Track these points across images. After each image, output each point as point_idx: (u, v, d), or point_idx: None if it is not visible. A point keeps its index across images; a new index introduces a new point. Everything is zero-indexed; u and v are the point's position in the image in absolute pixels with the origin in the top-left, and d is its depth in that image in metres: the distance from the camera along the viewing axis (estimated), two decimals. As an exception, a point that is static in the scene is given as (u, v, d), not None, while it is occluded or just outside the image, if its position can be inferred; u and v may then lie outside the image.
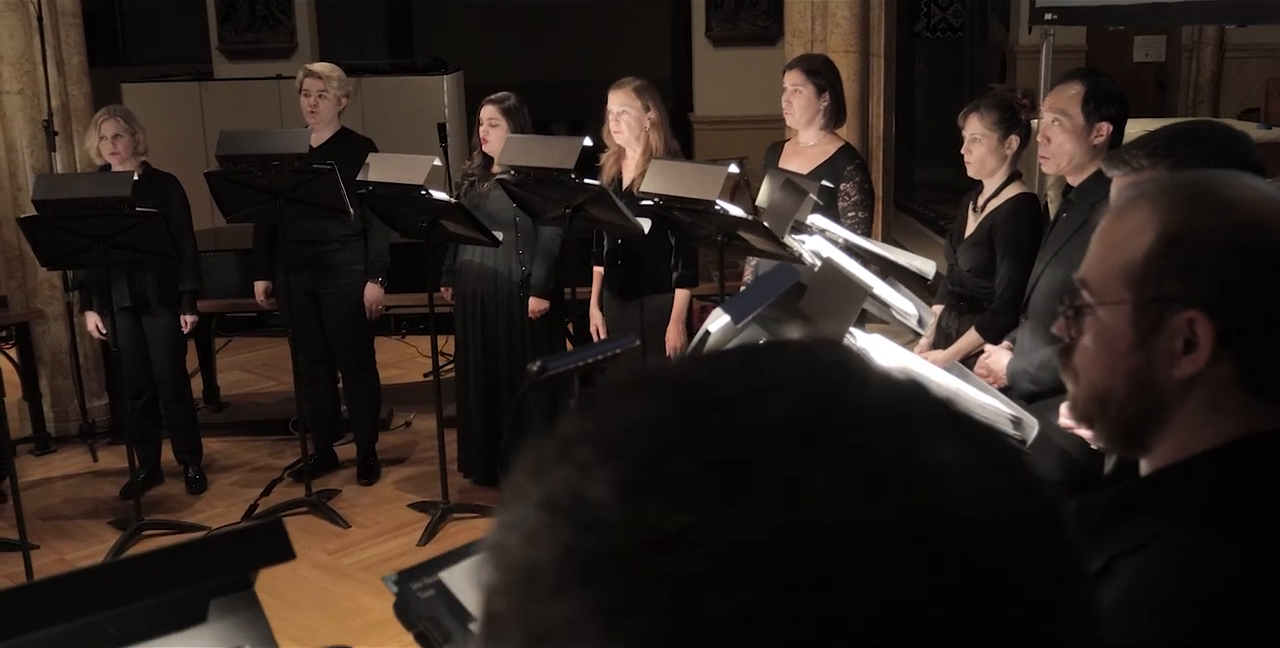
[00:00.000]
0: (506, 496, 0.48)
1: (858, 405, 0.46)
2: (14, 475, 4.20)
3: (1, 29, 5.66)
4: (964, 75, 11.64)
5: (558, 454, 0.47)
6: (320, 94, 5.15)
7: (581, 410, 0.49)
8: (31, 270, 5.74)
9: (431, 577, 1.42)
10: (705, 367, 0.49)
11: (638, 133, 4.53)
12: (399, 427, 5.98)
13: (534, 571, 0.44)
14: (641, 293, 4.58)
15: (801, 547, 0.42)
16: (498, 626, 0.45)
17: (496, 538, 0.47)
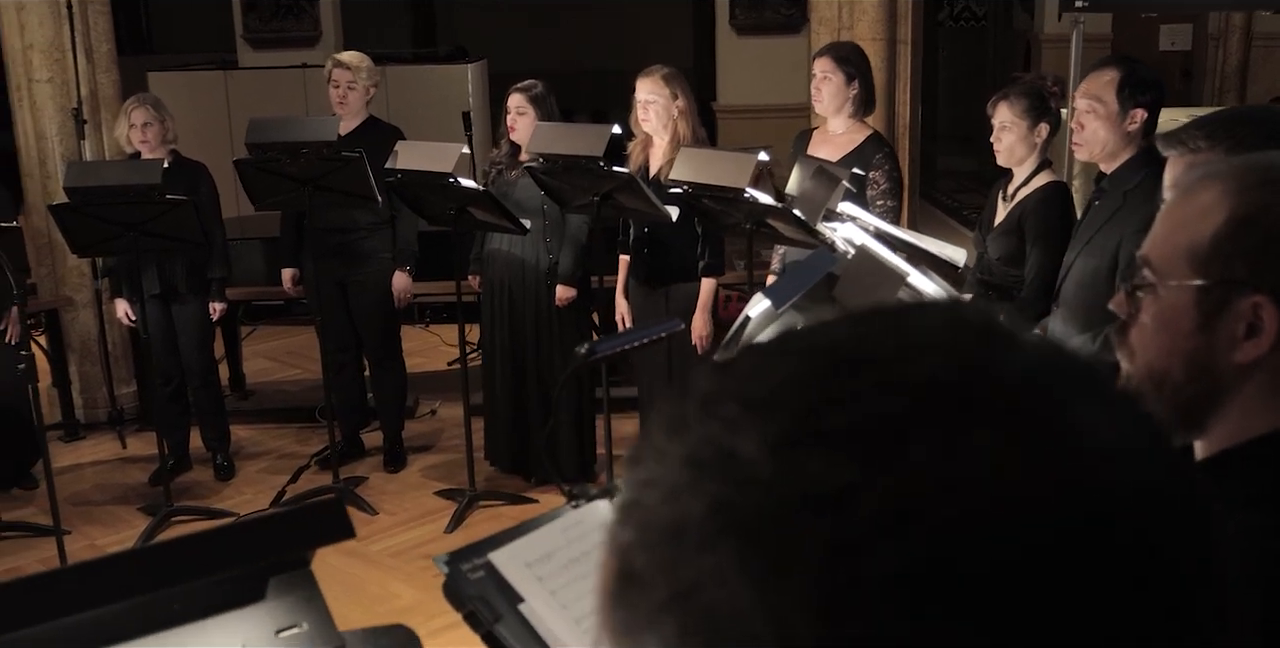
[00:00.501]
0: (638, 455, 0.48)
1: (1008, 366, 0.47)
2: (48, 461, 4.23)
3: (31, 17, 5.69)
4: (987, 64, 11.59)
5: (700, 413, 0.47)
6: (349, 85, 5.16)
7: (719, 370, 0.49)
8: (61, 258, 5.78)
9: (481, 558, 1.43)
10: (849, 327, 0.50)
11: (665, 121, 4.52)
12: (424, 415, 6.00)
13: (679, 527, 0.44)
14: (668, 281, 4.58)
15: (960, 503, 0.42)
16: (636, 581, 0.46)
17: (632, 496, 0.47)
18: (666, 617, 0.44)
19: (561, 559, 1.49)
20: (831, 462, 0.43)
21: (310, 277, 5.19)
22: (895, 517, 0.42)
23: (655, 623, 0.44)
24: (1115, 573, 0.43)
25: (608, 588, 0.48)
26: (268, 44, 9.02)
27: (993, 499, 0.43)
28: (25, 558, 4.64)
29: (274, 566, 1.20)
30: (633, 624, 0.46)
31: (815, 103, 4.57)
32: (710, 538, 0.43)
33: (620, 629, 0.47)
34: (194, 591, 1.15)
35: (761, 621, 0.42)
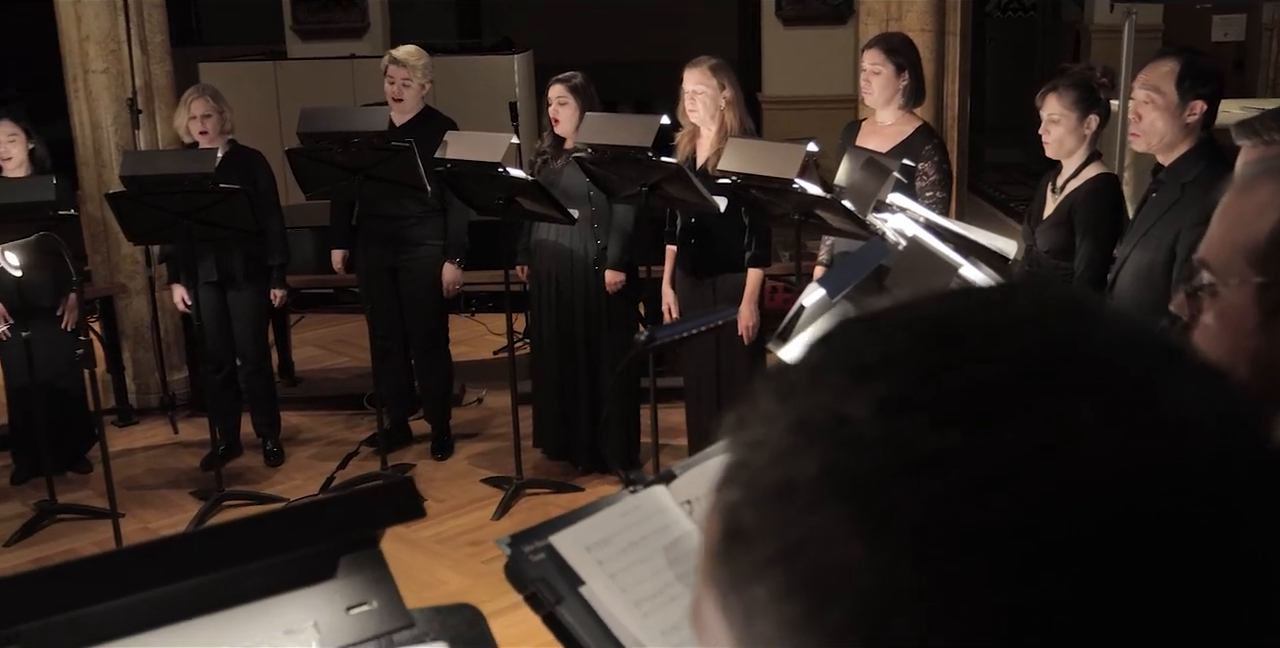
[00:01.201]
0: (742, 420, 0.51)
1: (1099, 340, 0.49)
2: (104, 446, 4.30)
3: (87, 9, 5.77)
4: (1035, 55, 11.50)
5: (810, 380, 0.50)
6: (404, 82, 5.21)
7: (824, 342, 0.52)
8: (115, 246, 5.86)
9: (542, 541, 1.46)
10: (946, 303, 0.52)
11: (713, 111, 4.53)
12: (471, 403, 6.05)
13: (788, 486, 0.47)
14: (714, 272, 4.59)
15: (1052, 470, 0.45)
16: (744, 537, 0.48)
17: (739, 457, 0.50)
18: (774, 571, 0.47)
19: (620, 544, 1.51)
20: (934, 427, 0.46)
21: (361, 263, 5.25)
22: (992, 481, 0.44)
23: (763, 577, 0.47)
24: (1202, 543, 0.44)
25: (713, 545, 0.50)
26: (316, 35, 9.09)
27: (1084, 467, 0.45)
28: (81, 540, 4.73)
29: (345, 544, 1.23)
30: (739, 579, 0.48)
31: (865, 95, 4.56)
32: (820, 497, 0.46)
33: (726, 584, 0.49)
34: (268, 568, 1.18)
35: (868, 574, 0.45)
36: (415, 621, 1.24)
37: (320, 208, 5.84)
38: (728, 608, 0.49)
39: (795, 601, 0.46)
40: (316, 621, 1.20)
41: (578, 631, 1.40)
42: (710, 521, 0.51)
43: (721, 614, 0.50)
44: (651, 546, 1.53)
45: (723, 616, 0.50)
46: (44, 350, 4.99)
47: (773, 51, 9.35)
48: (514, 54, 8.26)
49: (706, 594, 0.51)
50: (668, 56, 10.74)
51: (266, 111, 7.91)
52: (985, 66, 11.53)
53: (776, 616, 0.46)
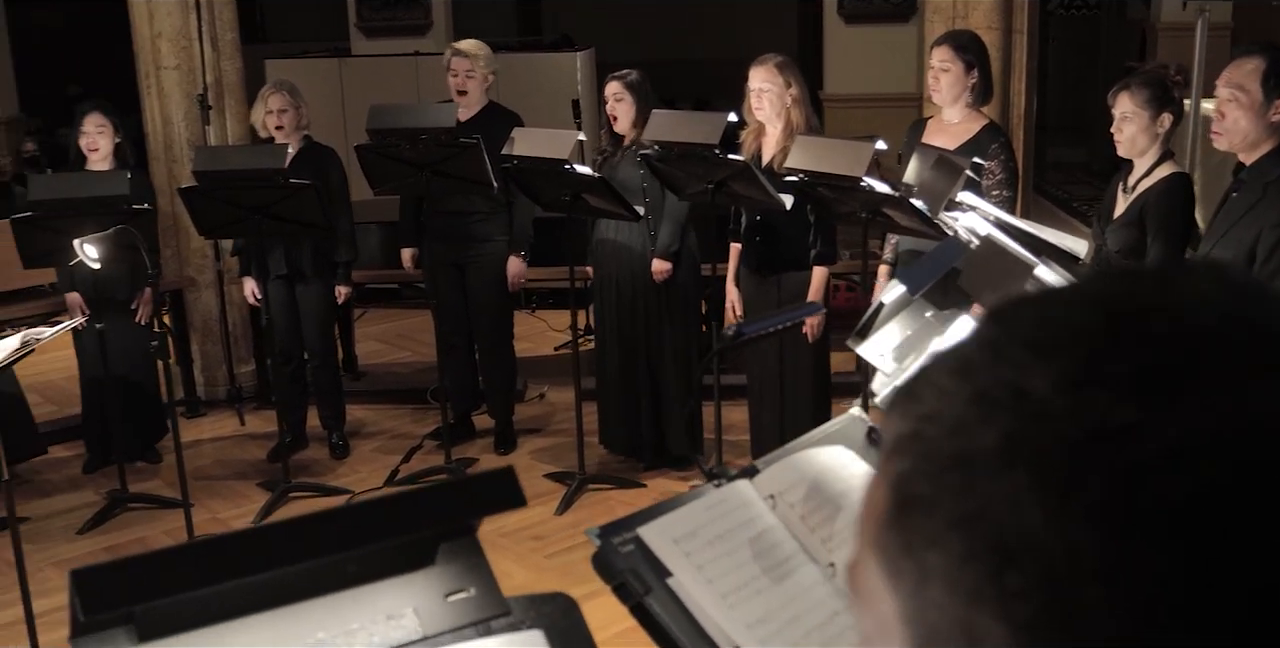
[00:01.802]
0: (912, 394, 0.53)
1: (1273, 319, 0.51)
2: (177, 437, 4.36)
3: (160, 6, 5.86)
4: (1099, 53, 11.38)
5: (988, 356, 0.51)
6: (468, 73, 5.24)
7: (997, 320, 0.53)
8: (185, 240, 5.96)
9: (630, 532, 1.47)
10: (1122, 282, 0.54)
11: (779, 109, 4.53)
12: (534, 398, 6.09)
13: (968, 456, 0.49)
14: (779, 269, 4.59)
15: (1238, 446, 0.46)
16: (919, 505, 0.50)
17: (911, 429, 0.52)
18: (952, 537, 0.49)
19: (706, 536, 1.52)
20: (1117, 403, 0.47)
21: (427, 259, 5.30)
22: (1173, 456, 0.46)
23: (940, 543, 0.49)
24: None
25: (881, 513, 0.52)
26: (380, 32, 9.18)
27: (1264, 443, 0.46)
28: (152, 529, 4.81)
29: (444, 532, 1.25)
30: (912, 545, 0.50)
31: (933, 92, 4.54)
32: (1000, 467, 0.48)
33: (896, 550, 0.51)
34: (370, 554, 1.20)
35: (1049, 541, 0.46)
36: (511, 608, 1.26)
37: (386, 204, 5.90)
38: (897, 573, 0.51)
39: (973, 566, 0.48)
40: (416, 606, 1.22)
41: (666, 621, 1.41)
42: (875, 490, 0.53)
43: (888, 579, 0.52)
44: (737, 539, 1.54)
45: (890, 581, 0.52)
46: (118, 343, 5.09)
47: (834, 49, 9.32)
48: (576, 51, 8.29)
49: (870, 560, 0.53)
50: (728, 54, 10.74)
51: (331, 108, 7.99)
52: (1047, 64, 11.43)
53: (952, 580, 0.48)
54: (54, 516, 4.99)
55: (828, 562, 1.58)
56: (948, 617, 0.49)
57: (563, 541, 4.52)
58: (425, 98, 7.07)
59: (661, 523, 1.50)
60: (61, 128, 10.03)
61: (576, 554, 4.43)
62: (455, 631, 1.23)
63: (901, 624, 0.51)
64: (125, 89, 6.44)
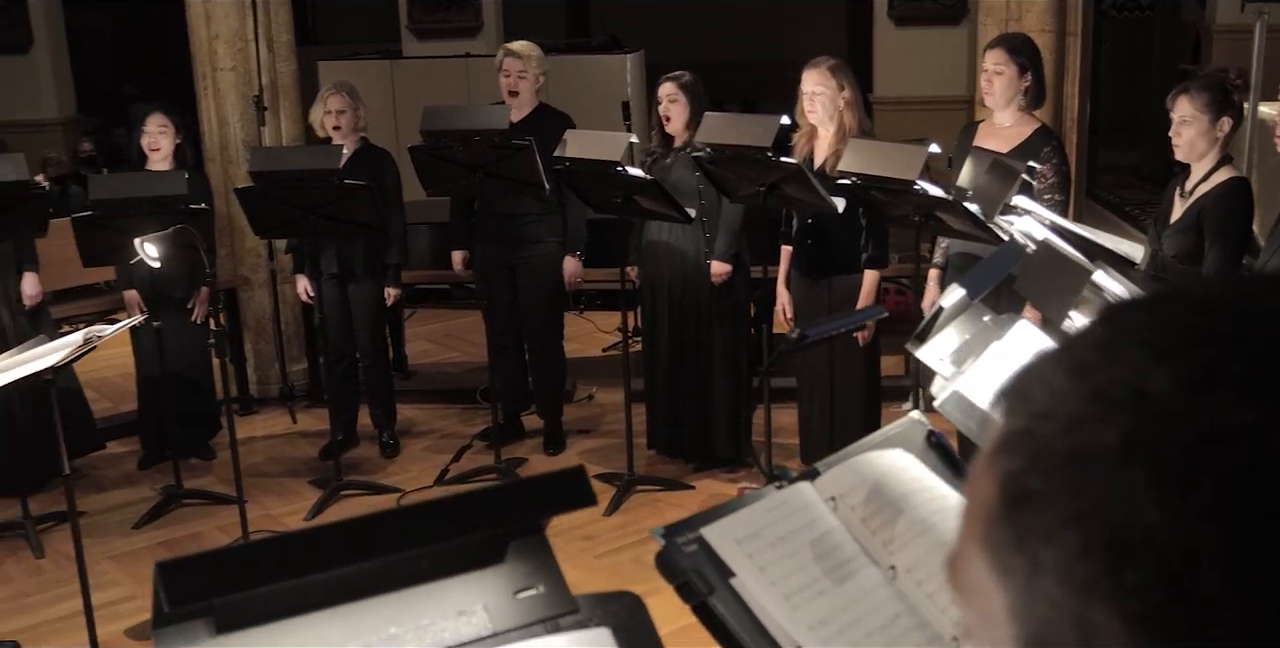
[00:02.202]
0: (1023, 393, 0.54)
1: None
2: (233, 434, 4.41)
3: (217, 8, 5.93)
4: (1152, 55, 11.27)
5: (1103, 357, 0.53)
6: (520, 74, 5.27)
7: (1110, 322, 0.54)
8: (239, 239, 6.03)
9: (694, 532, 1.48)
10: (1236, 286, 0.55)
11: (831, 112, 4.53)
12: (582, 399, 6.11)
13: (1084, 454, 0.50)
14: (830, 272, 4.59)
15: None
16: (1031, 502, 0.51)
17: (1022, 426, 0.53)
18: (1068, 533, 0.50)
19: (769, 537, 1.53)
20: (1237, 404, 0.48)
21: (479, 260, 5.33)
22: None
23: (1054, 539, 0.50)
24: None
25: (989, 509, 0.53)
26: (431, 34, 9.24)
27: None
28: (206, 525, 4.87)
29: (513, 530, 1.27)
30: (1024, 540, 0.51)
31: (986, 95, 4.52)
32: (1118, 464, 0.49)
33: (1006, 545, 0.52)
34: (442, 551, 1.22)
35: (1167, 537, 0.47)
36: (579, 606, 1.27)
37: (436, 205, 5.94)
38: (1006, 569, 0.52)
39: (1088, 562, 0.49)
40: (486, 603, 1.24)
41: (729, 620, 1.43)
42: (982, 486, 0.54)
43: (996, 574, 0.53)
44: (799, 540, 1.55)
45: (998, 575, 0.53)
46: (174, 341, 5.16)
47: (884, 52, 9.29)
48: (626, 53, 8.31)
49: (976, 556, 0.54)
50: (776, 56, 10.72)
51: (383, 109, 8.04)
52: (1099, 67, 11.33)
53: (1066, 575, 0.50)
54: (110, 510, 5.07)
55: (889, 564, 1.59)
56: (1060, 611, 0.50)
57: (611, 541, 4.54)
58: (476, 99, 7.12)
59: (725, 524, 1.51)
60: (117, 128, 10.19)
61: (625, 555, 4.45)
62: (524, 628, 1.25)
63: (1009, 618, 0.52)
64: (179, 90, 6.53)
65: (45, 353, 3.47)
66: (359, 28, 11.82)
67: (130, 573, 4.50)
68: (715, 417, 5.06)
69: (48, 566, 4.60)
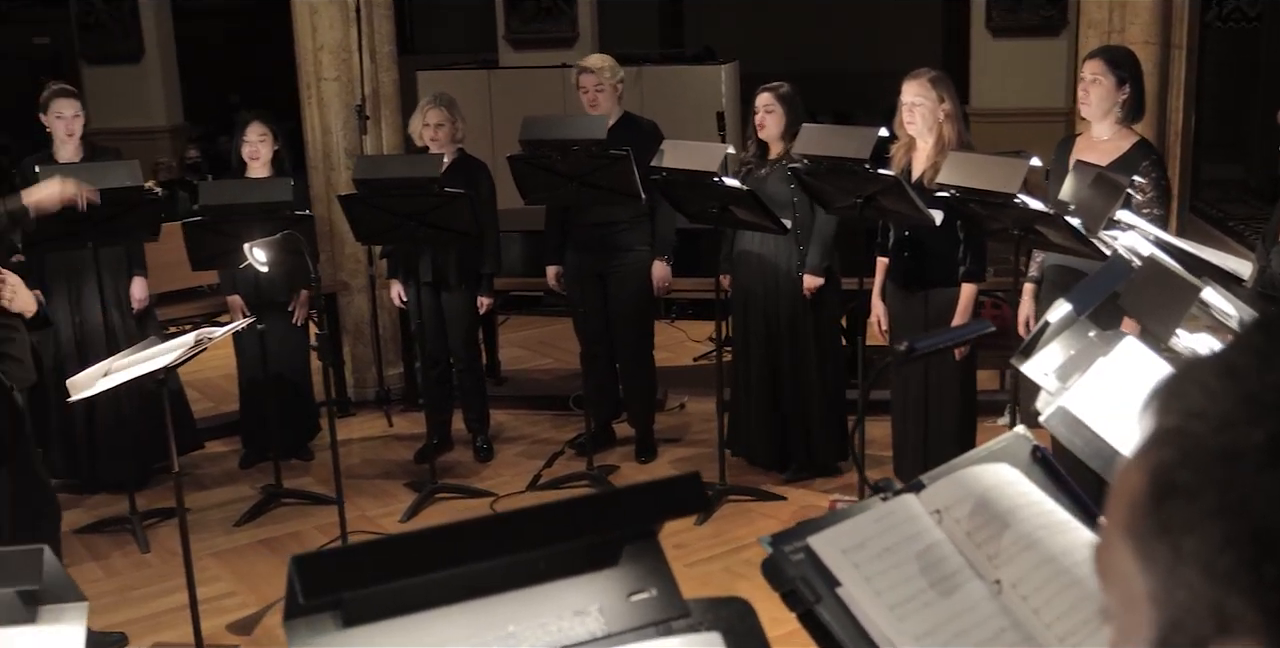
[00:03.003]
0: (1176, 393, 0.57)
1: None
2: (334, 435, 4.49)
3: (323, 19, 6.07)
4: (1259, 67, 11.03)
5: (1258, 362, 0.56)
6: (597, 88, 5.32)
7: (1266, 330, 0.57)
8: (339, 245, 6.16)
9: (801, 541, 1.50)
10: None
11: (931, 124, 4.50)
12: (673, 408, 6.14)
13: (1234, 451, 0.53)
14: (927, 285, 4.56)
15: None
16: (1179, 494, 0.54)
17: (1174, 424, 0.56)
18: (1213, 525, 0.52)
19: (875, 548, 1.54)
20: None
21: (571, 269, 5.39)
22: None
23: (1197, 530, 0.53)
24: None
25: (1137, 499, 0.57)
26: (527, 44, 9.35)
27: None
28: (304, 524, 4.98)
29: (627, 534, 1.30)
30: (1169, 530, 0.54)
31: (1082, 106, 4.47)
32: (1266, 464, 0.52)
33: (1151, 534, 0.55)
34: (560, 552, 1.26)
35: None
36: (690, 610, 1.30)
37: (529, 213, 6.01)
38: (1149, 556, 0.55)
39: (1231, 553, 0.51)
40: (601, 605, 1.27)
41: (835, 629, 1.44)
42: (1131, 477, 0.57)
43: (1139, 561, 0.56)
44: (904, 552, 1.56)
45: (1141, 562, 0.56)
46: (275, 343, 5.29)
47: (981, 63, 9.21)
48: (721, 64, 8.34)
49: (1121, 544, 0.57)
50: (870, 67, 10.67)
51: (480, 119, 8.15)
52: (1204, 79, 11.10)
53: (1207, 565, 0.52)
54: (211, 508, 5.20)
55: (994, 579, 1.59)
56: (1199, 599, 0.52)
57: (702, 550, 4.56)
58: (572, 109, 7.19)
59: (831, 533, 1.53)
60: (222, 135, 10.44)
61: (716, 564, 4.46)
62: (637, 630, 1.28)
63: (1149, 604, 0.55)
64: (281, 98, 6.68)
65: (158, 354, 3.58)
66: (455, 38, 12.00)
67: (232, 569, 4.61)
68: (807, 429, 5.06)
69: (153, 560, 4.73)
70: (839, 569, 1.50)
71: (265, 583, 4.48)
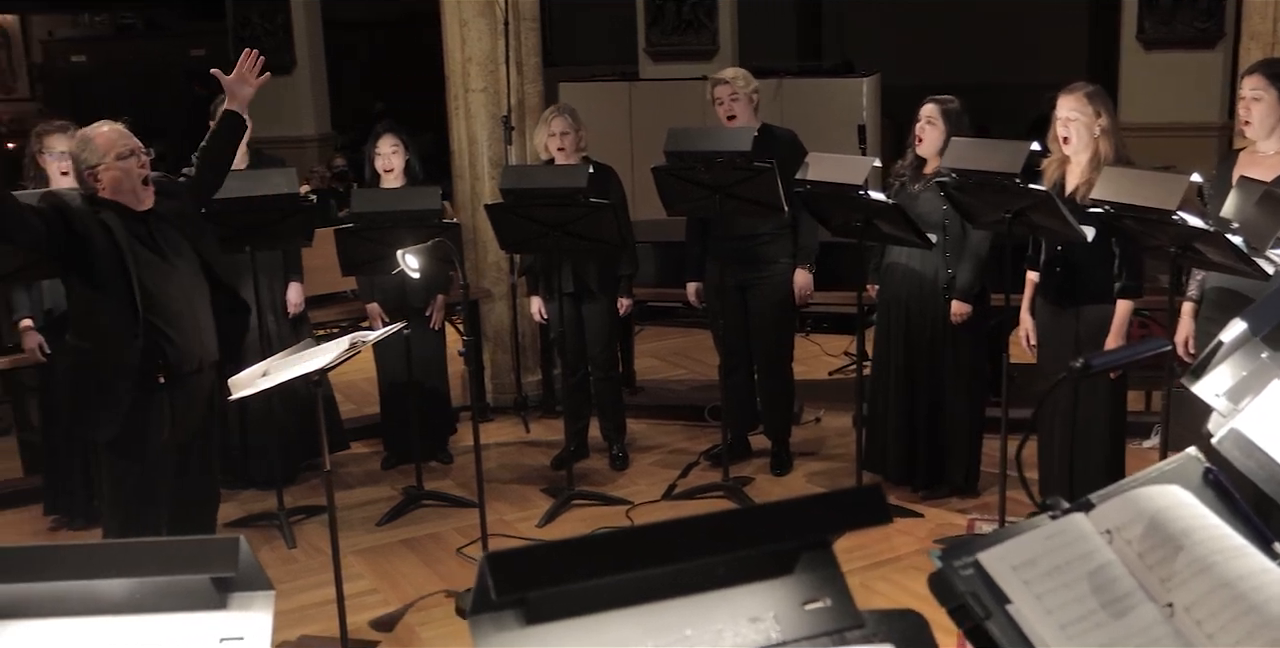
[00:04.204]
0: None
1: None
2: (477, 439, 4.56)
3: (472, 32, 6.19)
4: None
5: None
6: (732, 97, 5.32)
7: None
8: (482, 253, 6.27)
9: (970, 556, 1.49)
10: None
11: (1086, 139, 4.41)
12: (809, 422, 6.11)
13: None
14: (1079, 302, 4.46)
15: None
16: None
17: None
18: None
19: (1045, 566, 1.52)
20: None
21: (712, 281, 5.40)
22: None
23: None
24: None
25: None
26: (668, 57, 9.42)
27: None
28: (444, 525, 5.07)
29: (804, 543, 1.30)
30: None
31: (1244, 123, 4.34)
32: None
33: None
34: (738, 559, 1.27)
35: None
36: (865, 621, 1.30)
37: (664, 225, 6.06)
38: None
39: None
40: (776, 612, 1.28)
41: (1005, 645, 1.43)
42: None
43: None
44: (1075, 571, 1.54)
45: None
46: (416, 348, 5.40)
47: (1131, 75, 9.00)
48: (863, 77, 8.29)
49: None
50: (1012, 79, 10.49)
51: (619, 130, 8.25)
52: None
53: None
54: (354, 507, 5.32)
55: (1166, 602, 1.55)
56: None
57: (838, 565, 4.52)
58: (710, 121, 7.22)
59: (1001, 550, 1.51)
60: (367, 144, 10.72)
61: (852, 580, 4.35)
62: (811, 638, 1.28)
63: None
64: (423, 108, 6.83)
65: (314, 356, 3.69)
66: (594, 50, 12.13)
67: (374, 567, 4.72)
68: (948, 445, 5.00)
69: (299, 555, 4.86)
70: (1009, 586, 1.48)
71: (406, 581, 4.58)
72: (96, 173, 3.78)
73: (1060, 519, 1.60)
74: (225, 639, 1.39)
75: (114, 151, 3.77)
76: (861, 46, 11.99)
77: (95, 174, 3.78)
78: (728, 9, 9.42)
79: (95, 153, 3.78)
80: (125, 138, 3.83)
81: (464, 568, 4.64)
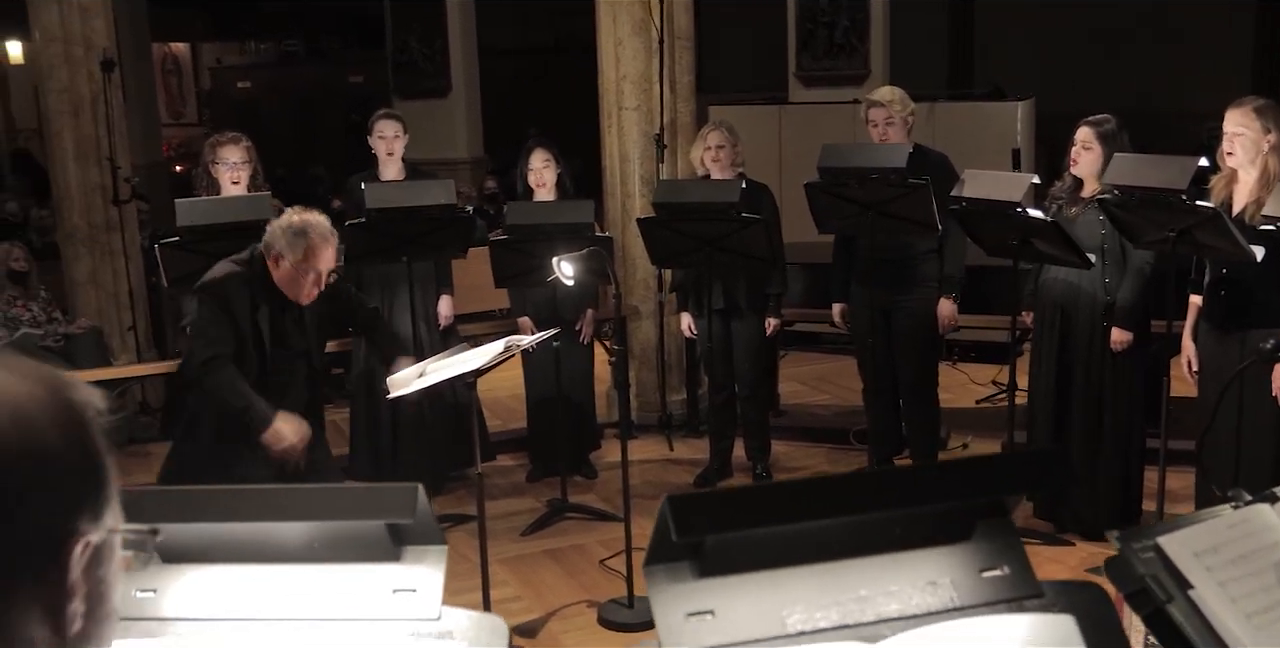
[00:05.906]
0: None
1: None
2: (625, 455, 4.53)
3: (626, 51, 6.28)
4: None
5: None
6: (887, 121, 5.26)
7: None
8: (631, 270, 6.32)
9: (1150, 540, 1.45)
10: None
11: (1253, 155, 4.27)
12: (956, 448, 5.99)
13: None
14: (1246, 326, 4.30)
15: None
16: None
17: None
18: None
19: (1229, 554, 1.47)
20: None
21: (857, 303, 5.34)
22: None
23: None
24: None
25: None
26: (818, 81, 9.41)
27: None
28: (588, 538, 5.10)
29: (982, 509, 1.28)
30: None
31: None
32: None
33: None
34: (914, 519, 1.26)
35: None
36: (1044, 592, 1.27)
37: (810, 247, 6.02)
38: None
39: None
40: (953, 578, 1.26)
41: (1189, 631, 1.38)
42: None
43: None
44: (1261, 561, 1.48)
45: None
46: (563, 361, 5.45)
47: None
48: (1017, 101, 8.17)
49: None
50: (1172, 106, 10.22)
51: (769, 153, 8.24)
52: None
53: None
54: (500, 517, 5.38)
55: (1357, 599, 1.49)
56: None
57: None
58: (861, 144, 7.18)
59: (1183, 535, 1.47)
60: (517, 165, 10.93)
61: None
62: (989, 605, 1.26)
63: None
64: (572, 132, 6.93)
65: (470, 358, 3.76)
66: (742, 76, 12.19)
67: (518, 575, 4.76)
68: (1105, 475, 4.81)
69: (445, 561, 4.93)
70: (1190, 572, 1.43)
71: (550, 591, 4.61)
72: (279, 262, 3.90)
73: (1244, 509, 1.55)
74: (398, 591, 1.42)
75: (312, 264, 3.87)
76: (1014, 73, 11.80)
77: (277, 262, 3.91)
78: (879, 33, 9.38)
79: (296, 251, 3.87)
80: (329, 261, 3.92)
81: (606, 579, 4.66)
